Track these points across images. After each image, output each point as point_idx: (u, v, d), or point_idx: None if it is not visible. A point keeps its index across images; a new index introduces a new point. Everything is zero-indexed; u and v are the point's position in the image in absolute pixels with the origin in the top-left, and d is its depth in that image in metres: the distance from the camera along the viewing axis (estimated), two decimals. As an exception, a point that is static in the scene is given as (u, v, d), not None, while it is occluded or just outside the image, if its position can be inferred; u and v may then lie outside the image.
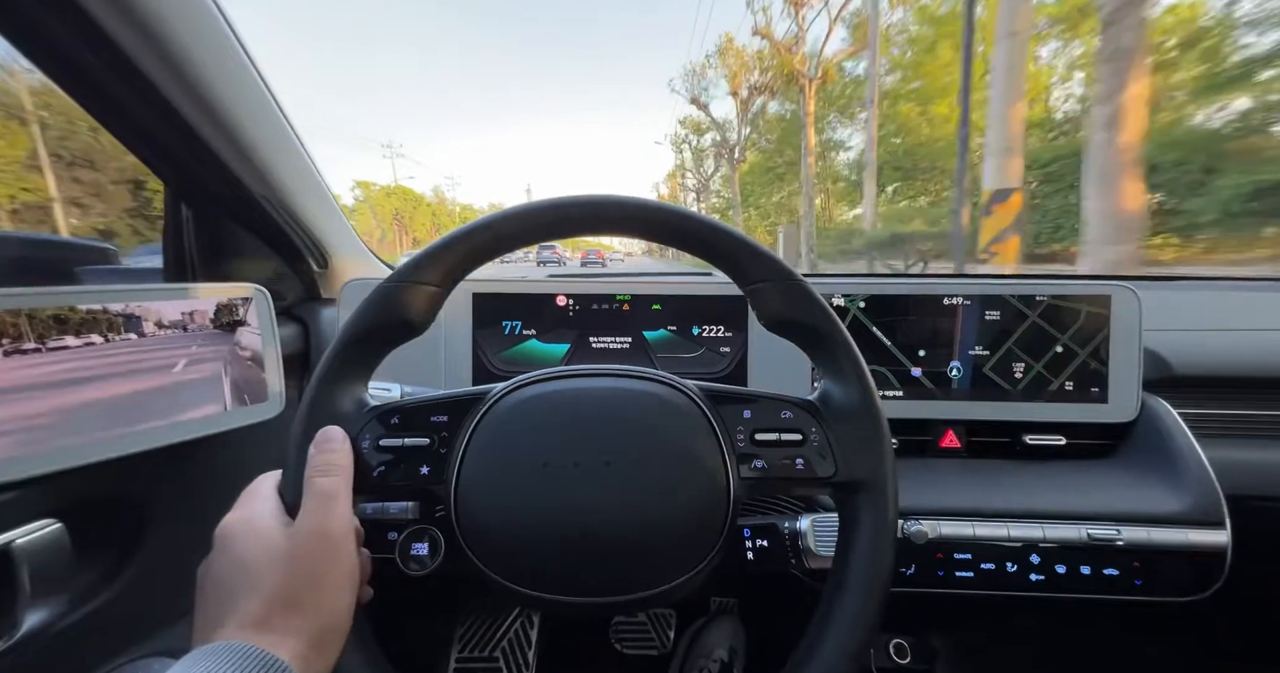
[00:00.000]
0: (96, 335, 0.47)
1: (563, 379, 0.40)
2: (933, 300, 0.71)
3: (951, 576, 0.59)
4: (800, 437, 0.38)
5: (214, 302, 0.55)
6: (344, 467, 0.35)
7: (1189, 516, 0.59)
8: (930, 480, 0.65)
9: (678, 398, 0.39)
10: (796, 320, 0.38)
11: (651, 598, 0.36)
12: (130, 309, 0.49)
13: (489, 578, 0.36)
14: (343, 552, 0.32)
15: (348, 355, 0.37)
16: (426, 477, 0.37)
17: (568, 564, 0.35)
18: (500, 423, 0.37)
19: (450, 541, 0.37)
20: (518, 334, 0.75)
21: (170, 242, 0.67)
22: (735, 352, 0.74)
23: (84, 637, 0.48)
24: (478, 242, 0.37)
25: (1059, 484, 0.64)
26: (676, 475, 0.36)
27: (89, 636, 0.49)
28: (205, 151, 0.58)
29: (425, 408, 0.38)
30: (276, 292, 0.78)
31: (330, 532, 0.32)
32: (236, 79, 0.58)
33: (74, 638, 0.47)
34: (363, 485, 0.36)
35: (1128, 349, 0.68)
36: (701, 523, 0.36)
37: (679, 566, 0.36)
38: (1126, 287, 0.68)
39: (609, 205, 0.37)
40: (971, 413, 0.71)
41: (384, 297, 0.37)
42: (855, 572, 0.36)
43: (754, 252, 0.38)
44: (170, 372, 0.51)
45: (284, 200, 0.68)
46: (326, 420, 0.36)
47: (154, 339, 0.51)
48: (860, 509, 0.37)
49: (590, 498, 0.35)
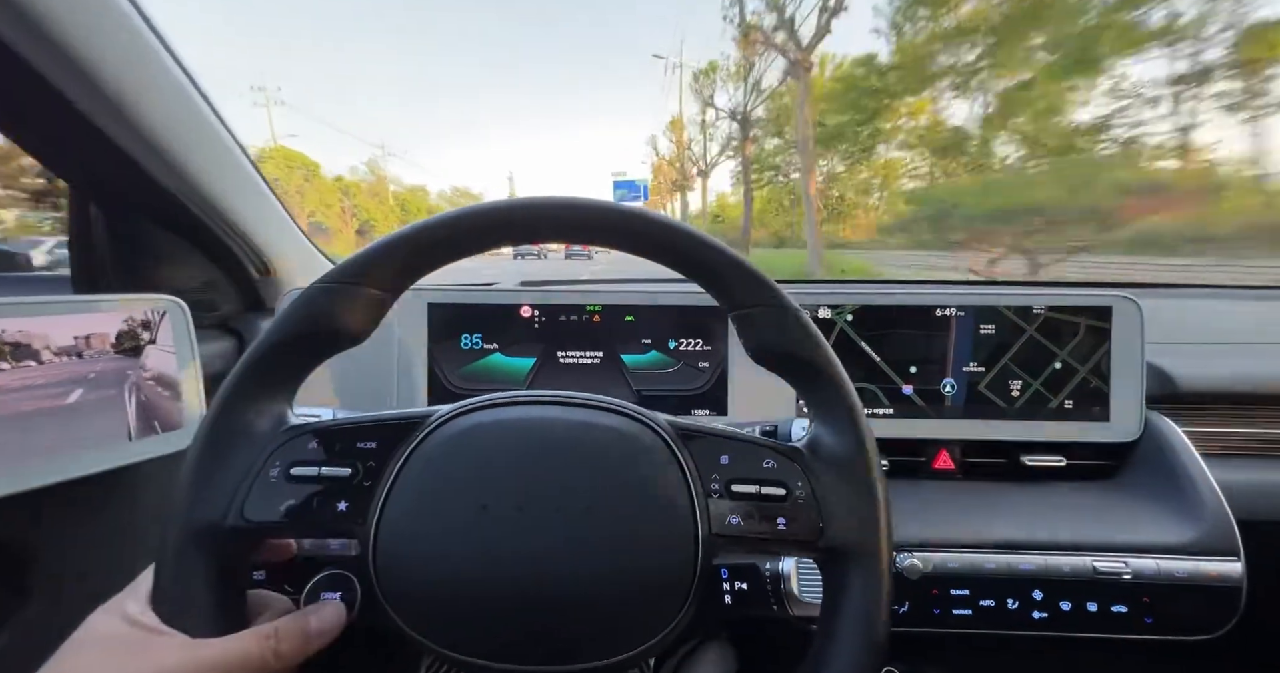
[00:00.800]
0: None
1: (514, 406, 0.34)
2: (924, 312, 0.67)
3: (948, 613, 0.55)
4: (784, 491, 0.33)
5: (121, 316, 0.48)
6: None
7: (1200, 545, 0.55)
8: (924, 507, 0.60)
9: (644, 434, 0.33)
10: (788, 353, 0.34)
11: (611, 667, 0.31)
12: (19, 329, 0.42)
13: (413, 640, 0.30)
14: None
15: (265, 366, 0.32)
16: (344, 514, 0.31)
17: (507, 628, 0.30)
18: (436, 455, 0.32)
19: (369, 593, 0.31)
20: (478, 348, 0.69)
21: (78, 247, 0.59)
22: (715, 367, 0.69)
23: None
24: (423, 243, 0.32)
25: (1060, 510, 0.60)
26: (637, 523, 0.31)
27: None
28: (106, 144, 0.51)
29: (351, 431, 0.33)
30: (209, 302, 0.71)
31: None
32: (135, 57, 0.50)
33: None
34: (266, 527, 0.30)
35: (1129, 364, 0.64)
36: (666, 578, 0.31)
37: (641, 630, 0.31)
38: (1127, 297, 0.64)
39: (576, 209, 0.32)
40: (966, 432, 0.67)
41: (311, 300, 0.32)
42: (842, 655, 0.31)
43: (744, 272, 0.33)
44: (63, 397, 0.45)
45: (208, 198, 0.61)
46: (229, 441, 0.31)
47: (47, 363, 0.44)
48: (849, 582, 0.32)
49: (535, 550, 0.30)
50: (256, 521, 0.30)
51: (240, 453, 0.31)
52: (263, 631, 0.29)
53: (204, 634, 0.28)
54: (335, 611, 0.33)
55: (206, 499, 0.30)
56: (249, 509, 0.30)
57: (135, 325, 0.50)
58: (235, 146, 0.64)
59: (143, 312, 0.50)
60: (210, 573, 0.30)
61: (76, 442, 0.45)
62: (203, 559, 0.29)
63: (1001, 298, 0.66)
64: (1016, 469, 0.67)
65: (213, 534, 0.30)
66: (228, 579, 0.31)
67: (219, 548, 0.30)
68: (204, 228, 0.64)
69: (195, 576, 0.29)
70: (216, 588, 0.30)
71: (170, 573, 0.29)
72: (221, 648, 0.28)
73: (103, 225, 0.60)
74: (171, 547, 0.29)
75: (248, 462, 0.31)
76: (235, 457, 0.31)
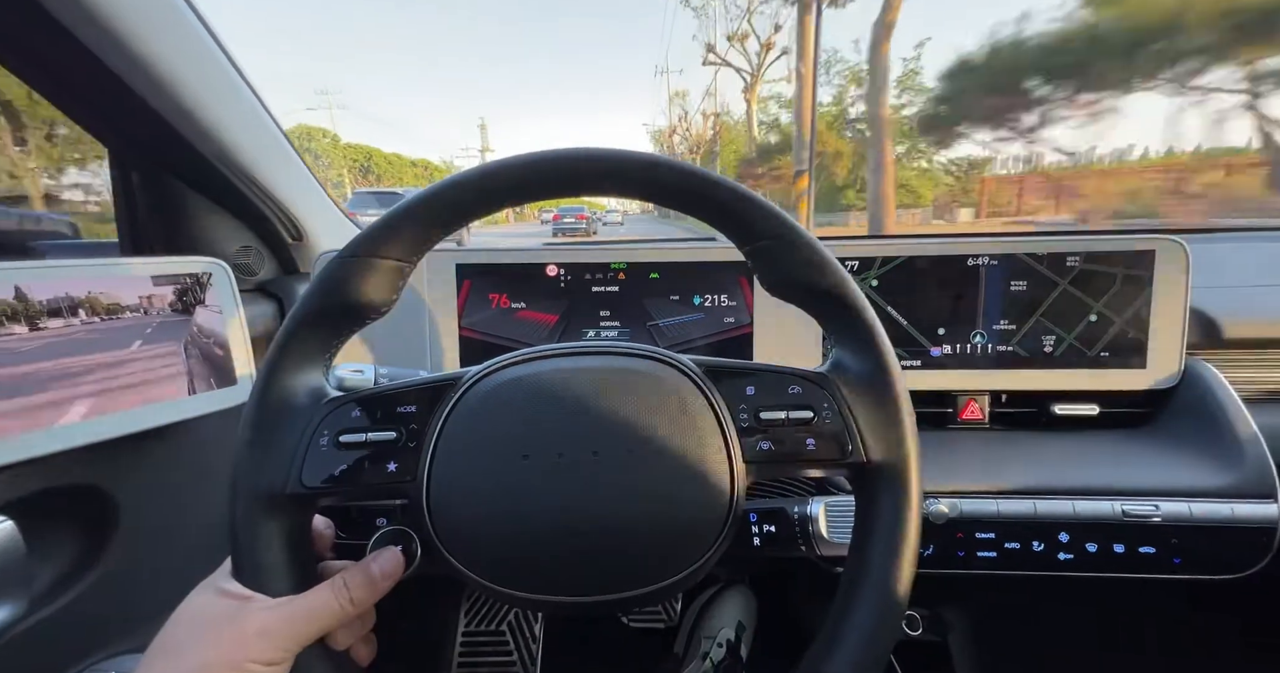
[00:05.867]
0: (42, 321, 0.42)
1: (542, 360, 0.35)
2: (953, 264, 0.65)
3: (973, 556, 0.56)
4: (811, 414, 0.33)
5: (168, 278, 0.50)
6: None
7: (1235, 488, 0.54)
8: (950, 456, 0.60)
9: (672, 375, 0.34)
10: (804, 282, 0.34)
11: (651, 595, 0.33)
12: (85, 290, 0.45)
13: (471, 581, 0.33)
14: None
15: (298, 342, 0.33)
16: (394, 474, 0.33)
17: (555, 564, 0.32)
18: (474, 412, 0.33)
19: (427, 543, 0.34)
20: (507, 307, 0.70)
21: (122, 213, 0.61)
22: (739, 321, 0.69)
23: (52, 636, 0.46)
24: (434, 208, 0.33)
25: (1091, 457, 0.60)
26: (673, 462, 0.32)
27: (59, 635, 0.46)
28: (145, 111, 0.52)
29: (391, 398, 0.34)
30: (247, 266, 0.73)
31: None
32: (170, 27, 0.51)
33: (37, 640, 0.45)
34: (324, 490, 0.32)
35: (1172, 309, 0.62)
36: (702, 513, 0.33)
37: (679, 559, 0.33)
38: (1174, 240, 0.62)
39: (576, 160, 0.32)
40: (995, 382, 0.66)
41: (334, 274, 0.32)
42: (875, 565, 0.32)
43: (754, 205, 0.33)
44: (126, 356, 0.47)
45: (241, 163, 0.62)
46: (275, 416, 0.32)
47: (106, 323, 0.46)
48: (879, 494, 0.33)
49: (578, 491, 0.32)
50: (314, 486, 0.32)
51: (289, 426, 0.32)
52: (335, 582, 0.32)
53: (283, 593, 0.31)
54: (393, 556, 0.36)
55: (266, 472, 0.32)
56: (306, 476, 0.32)
57: (185, 287, 0.52)
58: (266, 115, 0.65)
59: (191, 274, 0.53)
60: (280, 538, 0.32)
61: (143, 395, 0.48)
62: (271, 526, 0.32)
63: (1038, 243, 0.64)
64: (1047, 419, 0.66)
65: (277, 503, 0.32)
66: (296, 541, 0.33)
67: (283, 514, 0.32)
68: (239, 194, 0.65)
69: (266, 542, 0.32)
70: (287, 550, 0.32)
71: (244, 543, 0.31)
72: (303, 603, 0.31)
73: (145, 193, 0.62)
74: (240, 519, 0.31)
75: (297, 433, 0.32)
76: (285, 431, 0.32)
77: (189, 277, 0.52)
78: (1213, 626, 0.79)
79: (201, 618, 0.30)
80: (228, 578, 0.31)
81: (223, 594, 0.31)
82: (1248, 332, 0.66)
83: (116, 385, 0.46)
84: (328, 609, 0.31)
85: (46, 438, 0.41)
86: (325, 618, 0.31)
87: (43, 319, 0.43)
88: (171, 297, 0.51)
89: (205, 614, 0.30)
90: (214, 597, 0.31)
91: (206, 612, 0.30)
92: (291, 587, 0.31)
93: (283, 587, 0.31)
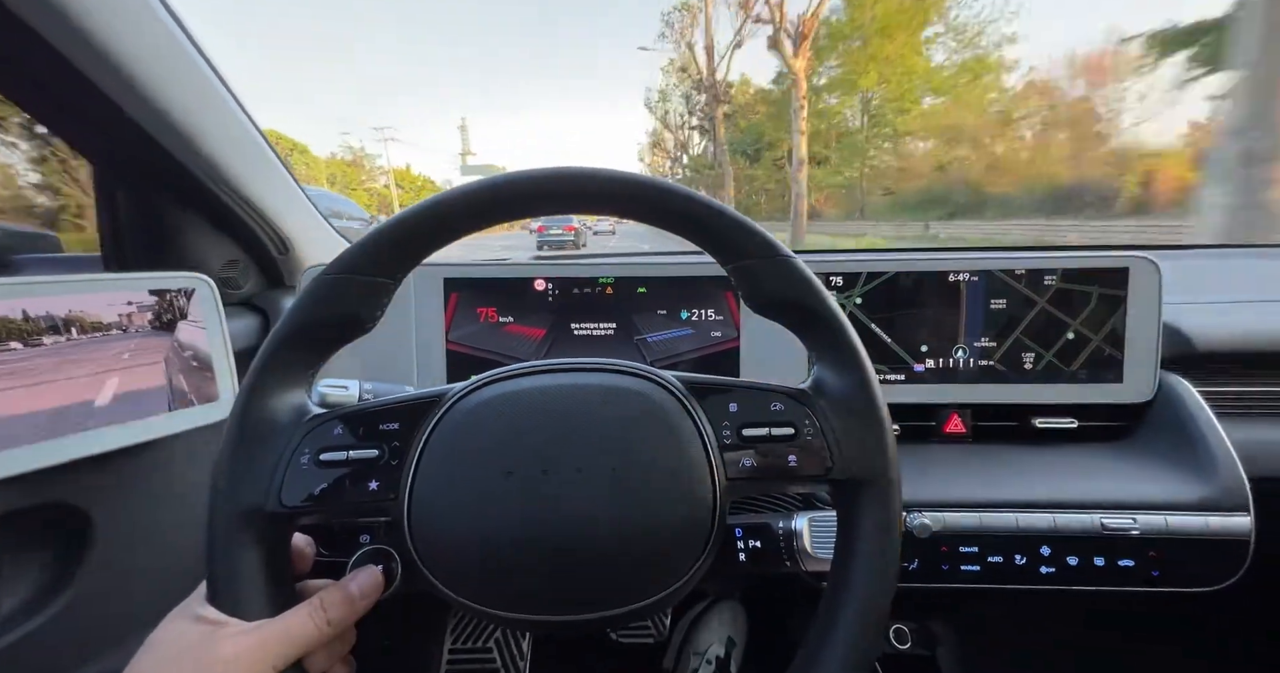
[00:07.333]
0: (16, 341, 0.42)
1: (526, 376, 0.35)
2: (935, 281, 0.67)
3: (956, 570, 0.56)
4: (792, 430, 0.34)
5: (151, 294, 0.50)
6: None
7: (1210, 501, 0.55)
8: (933, 470, 0.61)
9: (655, 392, 0.35)
10: (785, 300, 0.34)
11: (635, 612, 0.33)
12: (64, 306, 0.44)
13: (453, 600, 0.32)
14: None
15: (280, 359, 0.33)
16: (376, 492, 0.33)
17: (537, 582, 0.32)
18: (457, 429, 0.33)
19: (408, 561, 0.33)
20: (495, 321, 0.70)
21: (106, 227, 0.61)
22: (726, 336, 0.70)
23: (20, 661, 0.45)
24: (418, 227, 0.33)
25: (1070, 470, 0.61)
26: (656, 478, 0.32)
27: (28, 660, 0.45)
28: (128, 123, 0.52)
29: (373, 415, 0.34)
30: (233, 280, 0.73)
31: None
32: (151, 39, 0.51)
33: (4, 667, 0.44)
34: (303, 509, 0.32)
35: (1146, 325, 0.64)
36: (686, 529, 0.33)
37: (663, 576, 0.33)
38: (1146, 257, 0.64)
39: (559, 180, 0.33)
40: (977, 396, 0.67)
41: (318, 291, 0.32)
42: (856, 579, 0.32)
43: (735, 223, 0.33)
44: (106, 372, 0.47)
45: (225, 175, 0.62)
46: (256, 435, 0.32)
47: (86, 339, 0.46)
48: (860, 509, 0.33)
49: (561, 508, 0.31)
50: (294, 505, 0.31)
51: (269, 445, 0.32)
52: (312, 603, 0.32)
53: (259, 616, 0.30)
54: (372, 575, 0.36)
55: (244, 491, 0.31)
56: (285, 495, 0.31)
57: (166, 303, 0.52)
58: (251, 127, 0.65)
59: (173, 289, 0.52)
60: (257, 560, 0.31)
61: (121, 413, 0.47)
62: (248, 547, 0.31)
63: (1016, 261, 0.66)
64: (1028, 432, 0.67)
65: (255, 522, 0.31)
66: (274, 562, 0.32)
67: (261, 535, 0.32)
68: (224, 207, 0.65)
69: (243, 565, 0.31)
70: (264, 572, 0.32)
71: (220, 566, 0.31)
72: (278, 625, 0.30)
73: (129, 207, 0.61)
74: (217, 539, 0.31)
75: (277, 452, 0.32)
76: (265, 449, 0.32)
77: (173, 292, 0.52)
78: (1193, 638, 0.80)
79: (175, 646, 0.30)
80: (203, 603, 0.31)
81: (197, 620, 0.30)
82: (1220, 347, 0.68)
83: (96, 402, 0.46)
84: (304, 631, 0.31)
85: (24, 455, 0.41)
86: (301, 641, 0.31)
87: (19, 336, 0.42)
88: (153, 313, 0.50)
89: (178, 642, 0.30)
90: (188, 623, 0.30)
91: (179, 639, 0.30)
92: (268, 610, 0.31)
93: (258, 610, 0.31)
